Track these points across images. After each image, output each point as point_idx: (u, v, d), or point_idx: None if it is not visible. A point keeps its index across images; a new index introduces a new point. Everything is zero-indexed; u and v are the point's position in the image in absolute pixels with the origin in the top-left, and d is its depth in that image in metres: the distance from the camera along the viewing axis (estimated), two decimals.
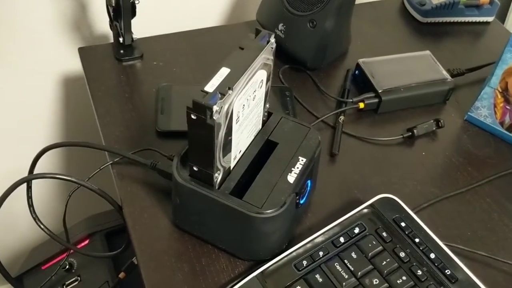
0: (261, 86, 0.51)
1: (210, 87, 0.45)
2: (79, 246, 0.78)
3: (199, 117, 0.44)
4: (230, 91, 0.45)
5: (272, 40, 0.50)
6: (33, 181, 0.66)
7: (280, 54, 0.74)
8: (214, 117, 0.44)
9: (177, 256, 0.55)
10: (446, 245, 0.54)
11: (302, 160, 0.53)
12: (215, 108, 0.43)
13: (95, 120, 0.70)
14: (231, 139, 0.49)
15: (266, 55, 0.50)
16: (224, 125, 0.46)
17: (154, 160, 0.60)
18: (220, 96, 0.44)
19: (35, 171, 0.67)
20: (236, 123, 0.49)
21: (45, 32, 0.84)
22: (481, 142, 0.71)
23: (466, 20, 0.90)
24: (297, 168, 0.52)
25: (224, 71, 0.46)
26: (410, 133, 0.69)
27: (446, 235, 0.58)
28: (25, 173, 0.68)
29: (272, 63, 0.52)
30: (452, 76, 0.76)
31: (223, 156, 0.49)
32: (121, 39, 0.75)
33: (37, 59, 0.86)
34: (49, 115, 0.95)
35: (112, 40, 0.79)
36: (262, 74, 0.50)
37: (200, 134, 0.46)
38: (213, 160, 0.48)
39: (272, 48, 0.50)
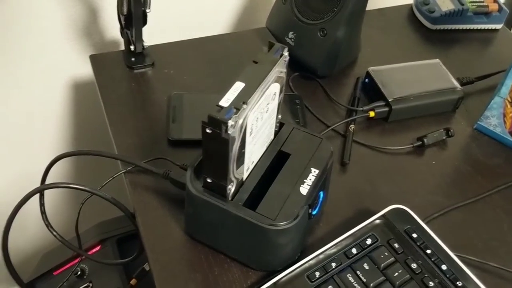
0: (274, 98, 0.52)
1: (225, 101, 0.45)
2: (90, 252, 0.79)
3: (214, 131, 0.45)
4: (244, 106, 0.45)
5: (286, 53, 0.50)
6: None
7: (290, 62, 0.73)
8: (229, 132, 0.44)
9: (190, 266, 0.55)
10: (457, 256, 0.54)
11: (314, 172, 0.53)
12: (230, 122, 0.44)
13: (105, 126, 0.71)
14: (244, 152, 0.50)
15: (280, 68, 0.50)
16: (239, 138, 0.47)
17: (167, 169, 0.60)
18: (235, 111, 0.44)
19: (48, 179, 0.67)
20: (250, 135, 0.49)
21: (56, 38, 0.84)
22: (490, 152, 0.71)
23: (475, 28, 0.91)
24: (310, 179, 0.53)
25: (238, 86, 0.46)
26: (420, 142, 0.69)
27: (457, 245, 0.58)
28: (36, 178, 0.68)
29: (285, 75, 0.52)
30: (462, 84, 0.76)
31: (237, 168, 0.50)
32: (132, 47, 0.76)
33: (47, 65, 0.87)
34: (60, 121, 0.95)
35: (122, 47, 0.80)
36: (276, 87, 0.51)
37: (215, 147, 0.46)
38: (227, 172, 0.48)
39: (285, 61, 0.51)
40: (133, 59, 0.77)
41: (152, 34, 0.78)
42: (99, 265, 0.77)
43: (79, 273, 0.77)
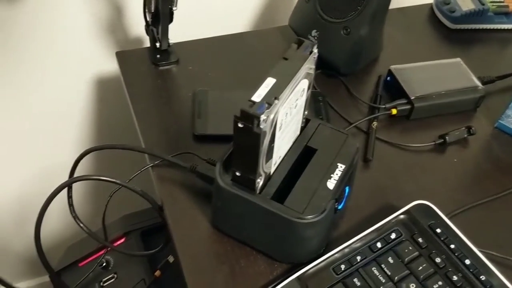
0: (303, 94, 0.53)
1: (257, 97, 0.46)
2: (115, 244, 0.81)
3: (246, 126, 0.46)
4: (276, 101, 0.46)
5: (315, 50, 0.51)
6: None
7: None
8: (261, 126, 0.45)
9: (217, 258, 0.57)
10: (480, 251, 0.55)
11: (341, 167, 0.55)
12: (262, 117, 0.45)
13: (128, 121, 0.72)
14: (273, 146, 0.51)
15: (309, 65, 0.51)
16: (269, 133, 0.48)
17: (194, 163, 0.62)
18: (267, 106, 0.45)
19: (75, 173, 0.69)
20: (279, 130, 0.50)
21: (81, 35, 0.86)
22: (511, 150, 0.71)
23: (495, 27, 0.91)
24: (337, 174, 0.54)
25: (270, 81, 0.48)
26: (442, 140, 0.70)
27: (479, 241, 0.59)
28: (62, 171, 0.70)
29: (314, 72, 0.53)
30: (483, 83, 0.76)
31: (266, 162, 0.51)
32: (157, 44, 0.77)
33: (72, 61, 0.89)
34: (84, 117, 0.97)
35: (146, 44, 0.81)
36: (305, 83, 0.52)
37: (246, 141, 0.47)
38: (256, 166, 0.49)
39: (314, 58, 0.52)
40: (158, 56, 0.79)
41: (177, 32, 0.79)
42: (124, 257, 0.79)
43: (104, 264, 0.79)
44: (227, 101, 0.72)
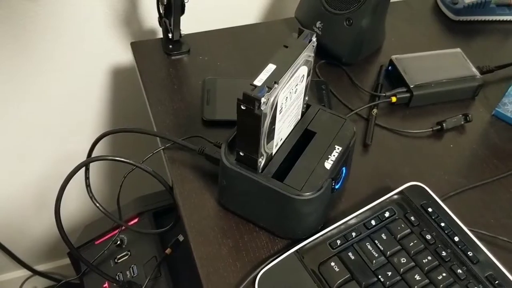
0: (302, 80, 0.57)
1: (259, 81, 0.50)
2: (129, 224, 0.85)
3: (248, 108, 0.50)
4: (276, 85, 0.50)
5: (314, 39, 0.55)
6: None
7: (317, 50, 0.78)
8: (261, 108, 0.49)
9: (222, 233, 0.61)
10: (469, 230, 0.58)
11: (338, 149, 0.58)
12: (262, 100, 0.49)
13: (141, 108, 0.76)
14: (274, 128, 0.55)
15: (308, 53, 0.55)
16: (269, 115, 0.52)
17: (202, 146, 0.66)
18: (267, 89, 0.49)
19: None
20: (279, 113, 0.54)
21: (98, 26, 0.91)
22: (507, 137, 0.74)
23: (497, 19, 0.94)
24: (334, 155, 0.58)
25: (271, 67, 0.51)
26: (440, 127, 0.73)
27: (470, 221, 0.62)
28: (78, 157, 0.74)
29: (313, 59, 0.57)
30: (482, 73, 0.79)
31: (267, 143, 0.55)
32: (170, 35, 0.81)
33: (89, 51, 0.93)
34: (100, 104, 1.02)
35: (158, 36, 0.85)
36: (304, 70, 0.56)
37: (248, 123, 0.51)
38: (258, 146, 0.53)
39: (313, 46, 0.55)
40: (170, 46, 0.83)
41: (188, 23, 0.83)
42: (137, 236, 0.84)
43: (118, 242, 0.84)
44: (234, 89, 0.76)
